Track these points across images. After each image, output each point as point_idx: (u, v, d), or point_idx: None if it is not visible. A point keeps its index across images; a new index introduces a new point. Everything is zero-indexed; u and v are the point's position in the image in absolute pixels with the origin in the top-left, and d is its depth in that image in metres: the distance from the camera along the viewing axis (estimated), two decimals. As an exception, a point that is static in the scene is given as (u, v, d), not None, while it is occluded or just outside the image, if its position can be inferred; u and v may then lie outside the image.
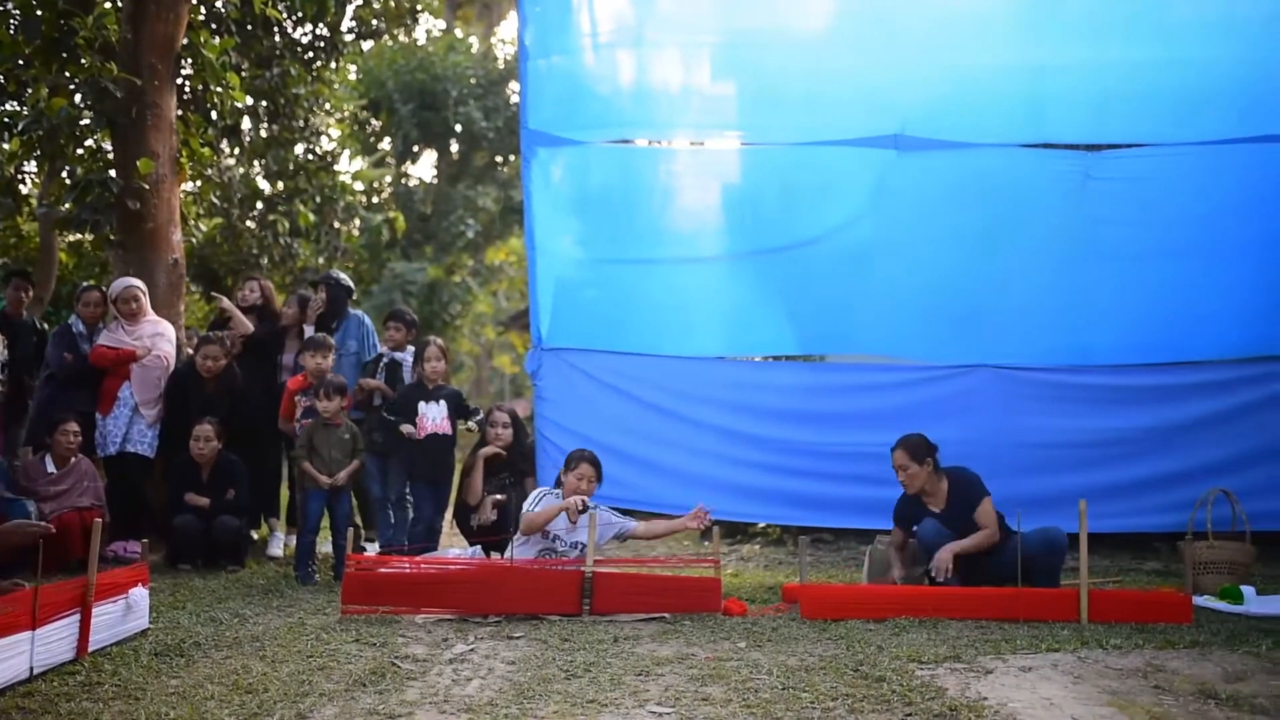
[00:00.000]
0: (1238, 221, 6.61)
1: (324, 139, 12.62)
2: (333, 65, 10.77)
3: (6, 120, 8.23)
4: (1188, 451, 6.56)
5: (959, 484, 5.88)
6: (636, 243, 7.09)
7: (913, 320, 6.86)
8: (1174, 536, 6.68)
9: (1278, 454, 6.52)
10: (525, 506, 5.90)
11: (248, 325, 7.68)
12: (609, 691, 3.73)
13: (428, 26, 21.81)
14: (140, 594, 4.75)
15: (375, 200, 18.23)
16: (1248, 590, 5.86)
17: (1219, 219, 6.62)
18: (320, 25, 10.28)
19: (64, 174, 9.08)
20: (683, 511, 6.10)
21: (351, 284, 8.15)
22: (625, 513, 6.35)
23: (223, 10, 9.17)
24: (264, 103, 10.31)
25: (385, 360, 7.38)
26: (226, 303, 7.92)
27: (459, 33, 22.55)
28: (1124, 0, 6.70)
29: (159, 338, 7.34)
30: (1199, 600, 5.69)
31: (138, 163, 7.61)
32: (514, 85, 18.98)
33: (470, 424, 7.26)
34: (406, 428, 6.78)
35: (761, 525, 9.14)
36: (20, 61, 8.10)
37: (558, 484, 6.07)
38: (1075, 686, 3.80)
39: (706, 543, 5.62)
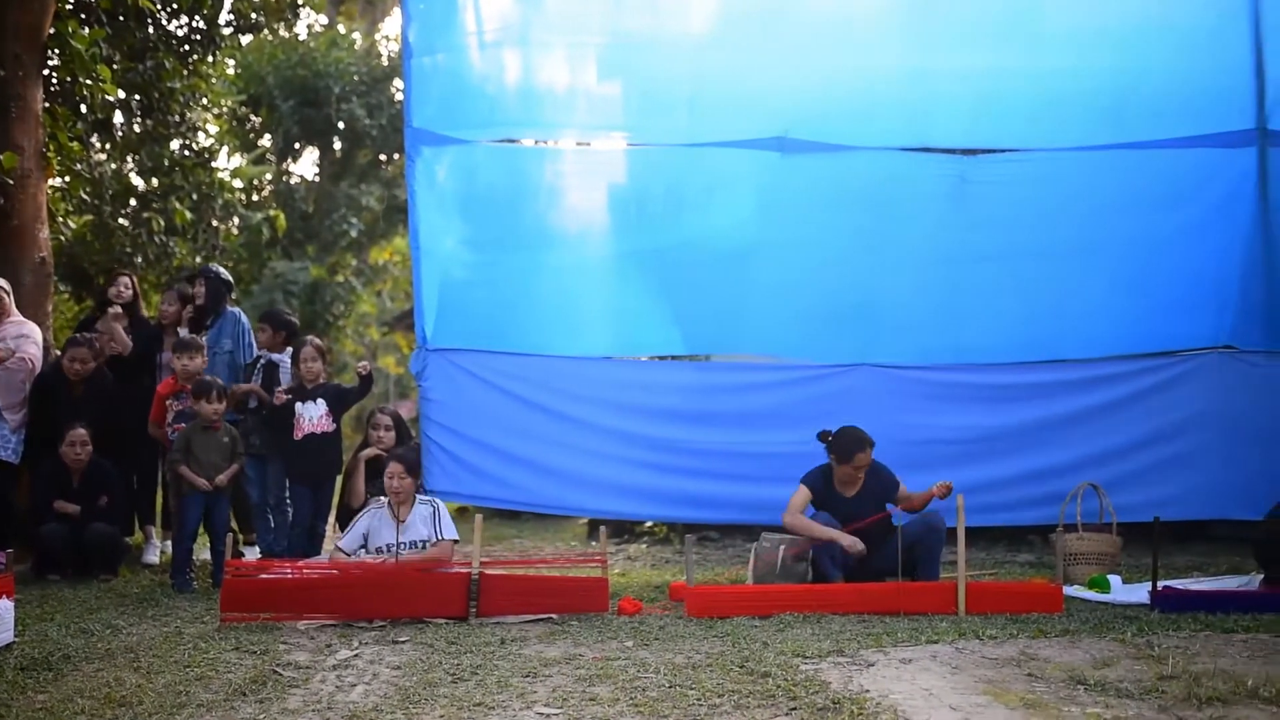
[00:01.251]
0: (1105, 225, 6.87)
1: (201, 135, 12.28)
2: (210, 59, 10.48)
3: None
4: (1059, 447, 6.80)
5: (874, 474, 6.01)
6: (523, 243, 7.06)
7: (796, 320, 6.97)
8: (1046, 529, 6.91)
9: (1142, 448, 6.80)
10: (360, 519, 5.80)
11: (127, 344, 7.40)
12: (496, 694, 3.71)
13: (309, 21, 21.38)
14: (5, 606, 4.56)
15: (255, 198, 17.80)
16: (1114, 579, 6.09)
17: (1087, 222, 6.88)
18: (196, 17, 9.99)
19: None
20: (568, 512, 6.09)
21: (231, 279, 7.91)
22: (511, 514, 6.31)
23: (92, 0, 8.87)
24: (137, 96, 9.97)
25: (262, 362, 7.21)
26: (116, 325, 7.47)
27: (341, 28, 22.15)
28: (1000, 9, 6.92)
29: (24, 339, 7.03)
30: (1069, 590, 5.90)
31: (0, 157, 7.31)
32: (398, 83, 18.71)
33: (360, 366, 7.20)
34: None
35: (648, 524, 9.19)
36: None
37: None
38: (953, 676, 3.90)
39: (594, 542, 5.62)
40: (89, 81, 8.25)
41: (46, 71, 8.21)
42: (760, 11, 6.95)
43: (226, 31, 10.46)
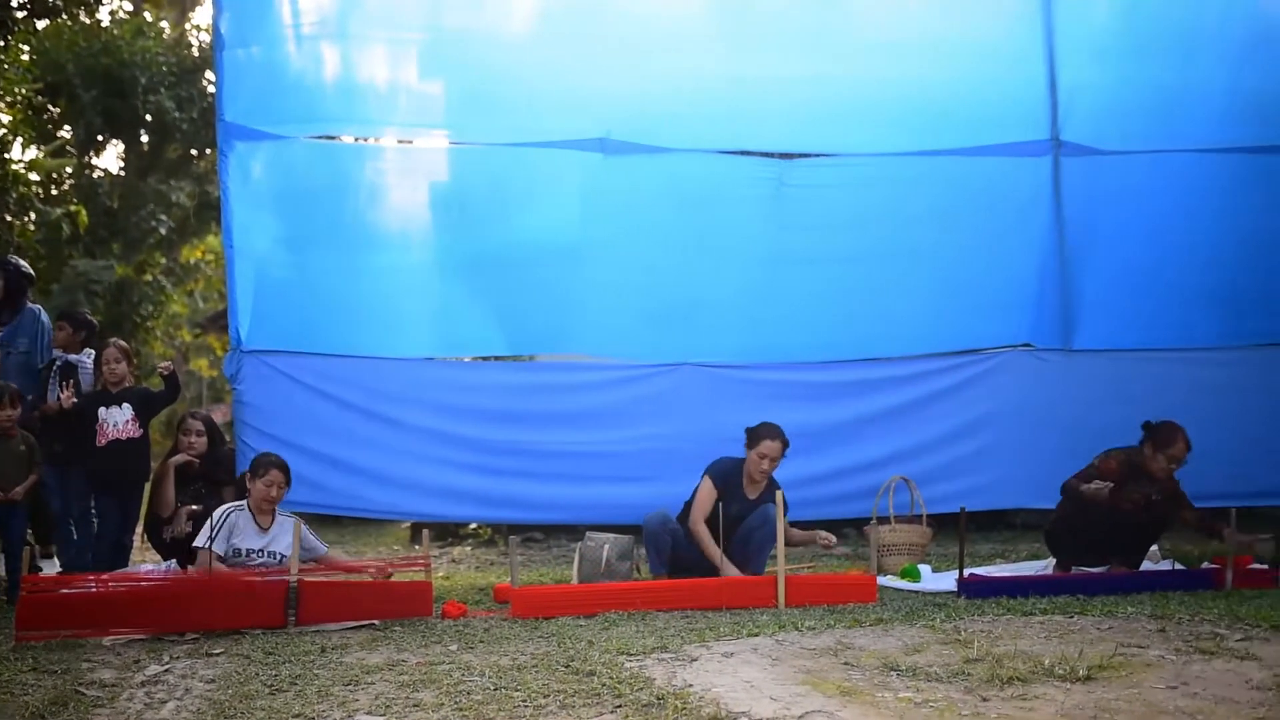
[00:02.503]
0: (913, 229, 7.17)
1: (-9, 124, 11.58)
2: (1, 44, 9.91)
3: None
4: (872, 443, 7.06)
5: (772, 483, 6.11)
6: (342, 242, 6.90)
7: (620, 320, 7.02)
8: (862, 522, 7.14)
9: (949, 442, 7.13)
10: (211, 524, 5.58)
11: None
12: (316, 704, 3.61)
13: (113, 8, 20.40)
14: None
15: (54, 192, 16.88)
16: (924, 569, 6.36)
17: (897, 226, 7.16)
18: (-15, 0, 9.45)
19: None
20: (391, 516, 5.99)
21: (32, 273, 7.42)
22: (334, 519, 6.17)
23: None
24: (-81, 83, 9.37)
25: (59, 363, 6.80)
26: None
27: (148, 16, 21.22)
28: (815, 18, 7.14)
29: None
30: (883, 580, 6.11)
31: None
32: (210, 75, 18.04)
33: (162, 366, 6.91)
34: None
35: (473, 526, 9.11)
36: None
37: (244, 493, 5.78)
38: (773, 668, 3.99)
39: (418, 546, 5.55)
40: None
41: None
42: (582, 13, 7.00)
43: (20, 15, 9.89)
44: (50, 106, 17.86)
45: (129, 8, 21.44)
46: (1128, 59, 7.19)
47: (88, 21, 17.45)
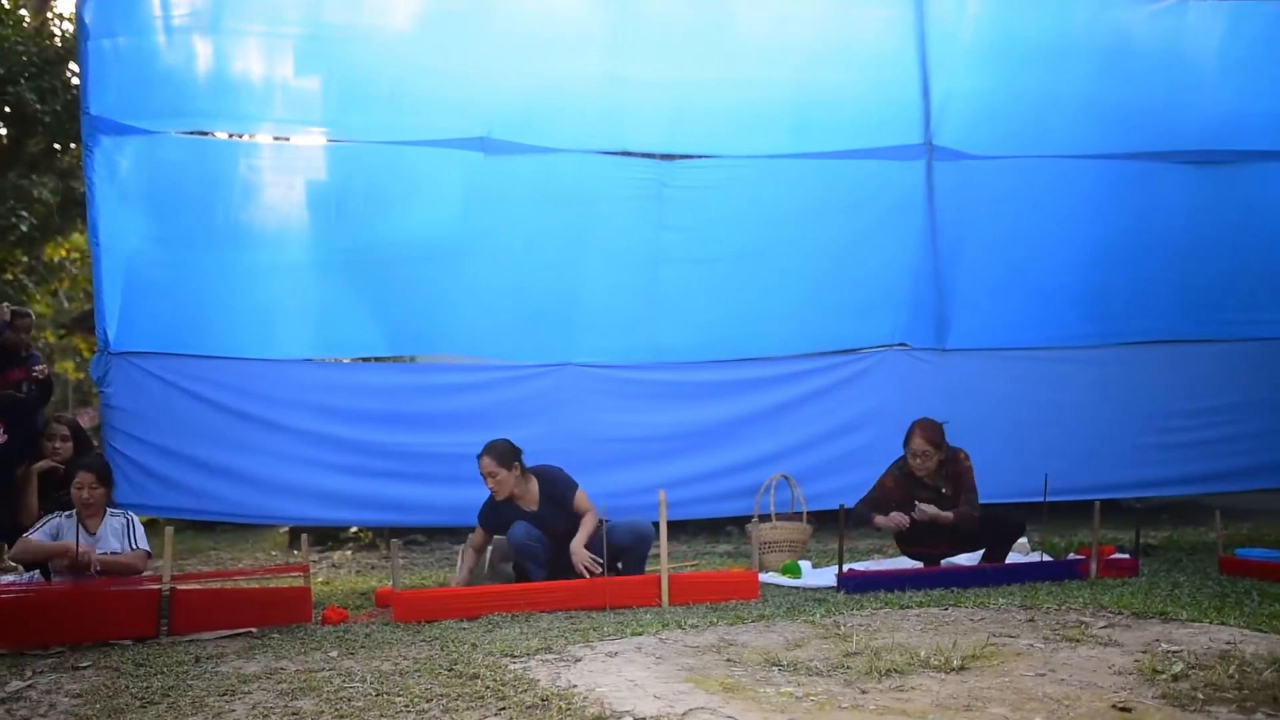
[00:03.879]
0: (792, 230, 7.29)
1: None
2: None
3: None
4: (753, 441, 7.15)
5: (547, 482, 5.99)
6: (216, 240, 6.73)
7: (500, 320, 6.99)
8: (743, 520, 7.23)
9: (828, 440, 7.26)
10: (43, 526, 5.38)
11: None
12: (190, 715, 3.51)
13: (-33, -5, 19.54)
14: None
15: (-97, 186, 16.12)
16: (805, 565, 6.46)
17: (775, 227, 7.27)
18: None
19: None
20: (269, 521, 5.86)
21: None
22: (208, 525, 6.01)
23: None
24: None
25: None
26: None
27: (5, 3, 20.37)
28: (694, 21, 7.20)
29: None
30: (764, 577, 6.20)
31: None
32: (75, 66, 17.41)
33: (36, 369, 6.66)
34: None
35: (353, 530, 8.97)
36: None
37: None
38: (657, 666, 4.01)
39: (296, 551, 5.43)
40: None
41: None
42: (463, 11, 6.94)
43: None
44: (-101, 96, 17.05)
45: (-15, -5, 20.56)
46: (997, 67, 7.42)
47: (-60, 8, 16.70)
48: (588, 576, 5.59)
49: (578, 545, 5.72)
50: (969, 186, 7.39)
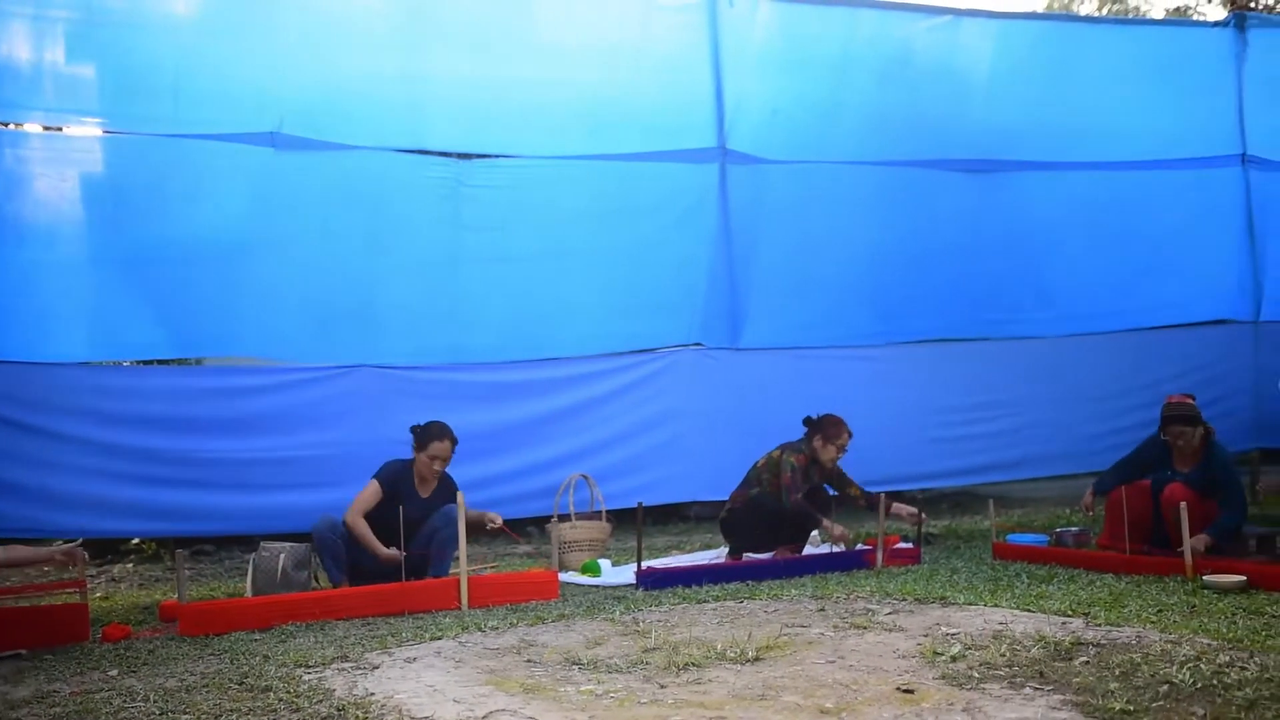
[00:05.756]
0: (590, 230, 7.34)
1: None
2: None
3: None
4: (553, 441, 7.17)
5: (446, 484, 6.03)
6: (-22, 237, 6.29)
7: (293, 321, 6.78)
8: (543, 520, 7.24)
9: (626, 439, 7.36)
10: None
11: None
12: (-49, 746, 3.29)
13: None
14: None
15: None
16: (604, 563, 6.53)
17: (573, 227, 7.30)
18: None
19: None
20: (44, 534, 5.53)
21: None
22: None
23: None
24: None
25: None
26: None
27: None
28: (494, 20, 7.14)
29: None
30: (564, 576, 6.23)
31: None
32: None
33: None
34: None
35: (135, 541, 8.55)
36: None
37: None
38: (457, 670, 3.98)
39: (72, 567, 5.14)
40: None
41: None
42: (252, 1, 6.69)
43: None
44: None
45: None
46: (787, 75, 7.64)
47: None
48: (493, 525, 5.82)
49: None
50: (761, 190, 7.60)
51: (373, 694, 3.65)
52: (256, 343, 6.85)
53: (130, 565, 8.06)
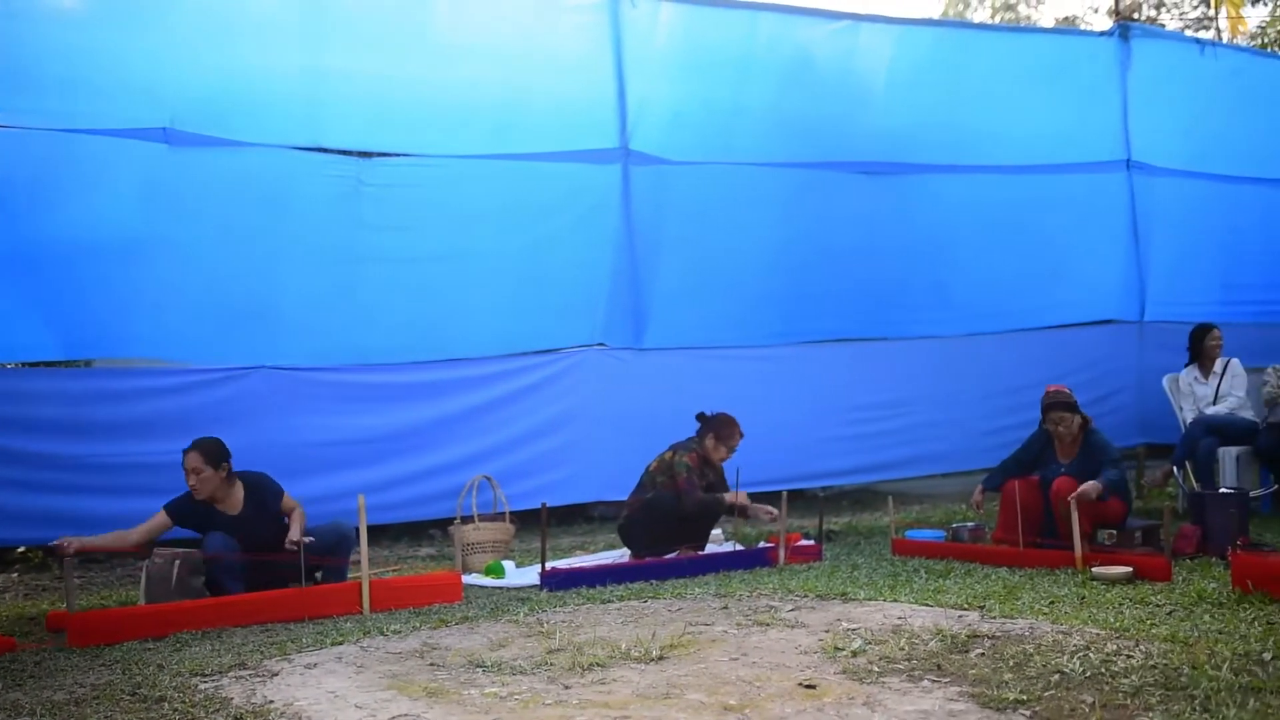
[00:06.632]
0: (492, 230, 7.29)
1: None
2: None
3: None
4: (455, 443, 7.11)
5: (254, 488, 5.79)
6: None
7: (188, 321, 6.61)
8: (446, 522, 7.18)
9: (529, 440, 7.33)
10: None
11: None
12: None
13: None
14: None
15: None
16: (508, 564, 6.50)
17: (476, 228, 7.25)
18: None
19: None
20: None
21: None
22: None
23: None
24: None
25: None
26: None
27: None
28: (394, 16, 7.05)
29: None
30: (468, 579, 6.19)
31: None
32: None
33: None
34: None
35: (21, 549, 8.27)
36: None
37: None
38: (358, 675, 3.93)
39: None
40: None
41: None
42: (142, -9, 6.51)
43: None
44: None
45: None
46: (689, 76, 7.68)
47: None
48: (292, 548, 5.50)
49: (292, 535, 5.58)
50: (664, 191, 7.63)
51: (271, 702, 3.59)
52: (151, 344, 6.67)
53: (15, 575, 7.80)
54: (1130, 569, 5.21)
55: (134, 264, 6.47)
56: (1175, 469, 7.53)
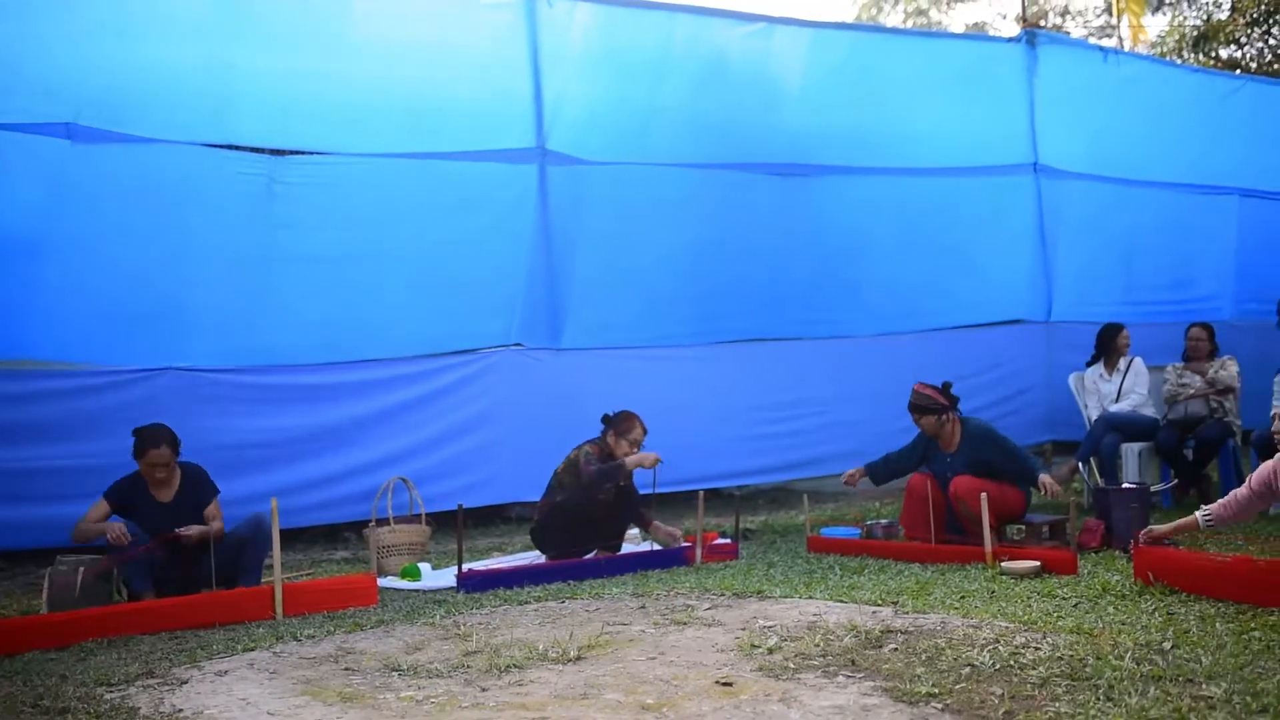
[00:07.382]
0: (406, 230, 7.23)
1: None
2: None
3: None
4: (370, 444, 7.05)
5: (192, 479, 5.73)
6: None
7: (92, 322, 6.47)
8: (361, 524, 7.10)
9: (445, 441, 7.29)
10: None
11: None
12: None
13: None
14: None
15: None
16: (425, 567, 6.43)
17: (390, 227, 7.19)
18: None
19: None
20: None
21: None
22: None
23: None
24: None
25: None
26: None
27: None
28: (310, 12, 6.95)
29: None
30: (384, 582, 6.11)
31: None
32: None
33: None
34: None
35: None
36: None
37: None
38: (271, 682, 3.87)
39: None
40: None
41: None
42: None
43: None
44: None
45: None
46: (606, 77, 7.70)
47: None
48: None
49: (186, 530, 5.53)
50: (580, 191, 7.63)
51: (180, 710, 3.52)
52: (52, 345, 6.50)
53: (-90, 584, 7.53)
54: (1038, 563, 5.32)
55: (35, 262, 6.32)
56: (1080, 465, 7.71)
